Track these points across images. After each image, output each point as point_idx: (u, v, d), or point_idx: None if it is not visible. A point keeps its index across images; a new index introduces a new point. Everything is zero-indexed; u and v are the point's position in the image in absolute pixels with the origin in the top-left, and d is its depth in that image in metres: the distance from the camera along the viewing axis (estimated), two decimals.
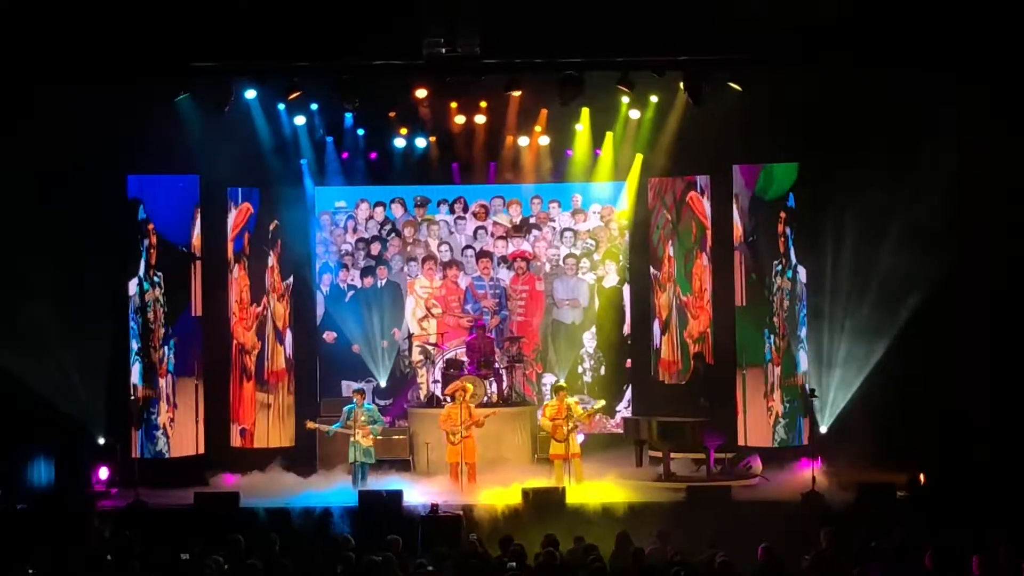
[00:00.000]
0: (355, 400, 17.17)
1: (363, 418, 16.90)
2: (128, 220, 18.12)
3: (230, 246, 19.08)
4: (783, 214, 18.35)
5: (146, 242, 18.19)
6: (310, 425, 17.61)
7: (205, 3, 15.39)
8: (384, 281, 20.18)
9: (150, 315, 18.13)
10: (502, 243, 20.32)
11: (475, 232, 20.33)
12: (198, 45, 15.70)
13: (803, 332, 18.01)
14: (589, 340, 20.24)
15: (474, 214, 20.33)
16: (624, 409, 20.01)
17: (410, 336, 20.04)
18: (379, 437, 17.40)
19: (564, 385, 17.71)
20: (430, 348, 19.63)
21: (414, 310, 20.21)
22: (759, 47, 15.71)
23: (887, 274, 16.97)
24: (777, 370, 18.27)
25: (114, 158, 17.50)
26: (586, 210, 20.26)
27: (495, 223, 20.33)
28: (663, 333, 19.74)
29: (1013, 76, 15.98)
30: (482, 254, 20.27)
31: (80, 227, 17.04)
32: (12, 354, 16.35)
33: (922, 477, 15.92)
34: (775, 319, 18.31)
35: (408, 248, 20.29)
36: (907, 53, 15.78)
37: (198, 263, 18.63)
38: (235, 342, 19.05)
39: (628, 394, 20.13)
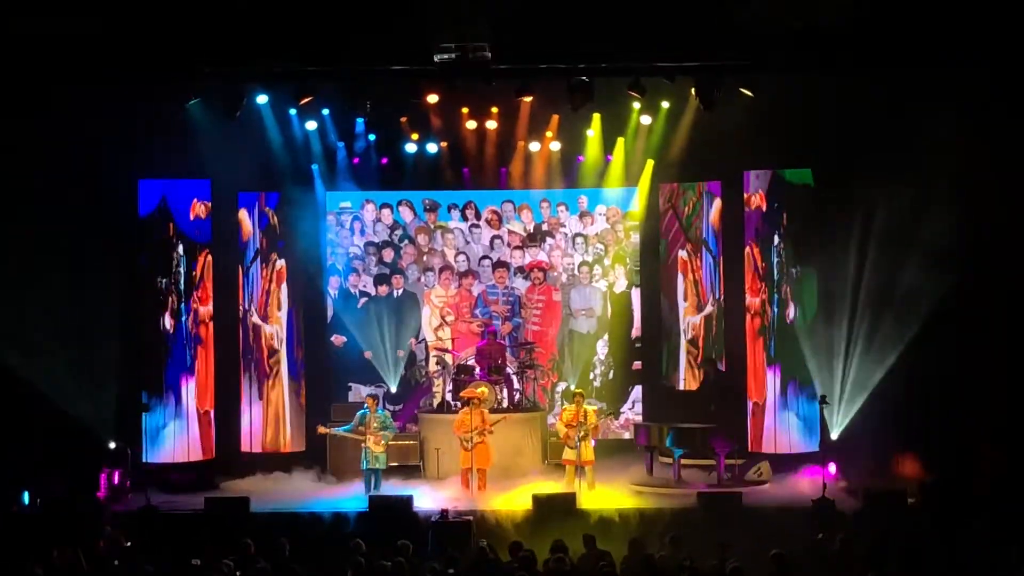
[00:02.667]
0: (367, 405, 17.19)
1: (375, 424, 16.89)
2: (138, 223, 18.22)
3: (242, 249, 19.14)
4: (792, 218, 18.34)
5: (164, 244, 18.32)
6: (321, 430, 17.63)
7: (216, 9, 15.41)
8: (401, 291, 20.14)
9: (169, 315, 18.26)
10: (518, 253, 20.28)
11: (491, 241, 20.31)
12: (209, 51, 15.73)
13: (803, 329, 18.01)
14: (602, 347, 20.20)
15: (487, 221, 20.27)
16: (628, 410, 19.99)
17: (425, 343, 20.01)
18: (391, 443, 17.39)
19: (581, 391, 17.67)
20: (446, 357, 19.57)
21: (430, 319, 20.18)
22: (769, 52, 15.70)
23: (899, 280, 16.93)
24: (779, 370, 18.28)
25: (126, 161, 17.60)
26: (592, 212, 20.23)
27: (510, 232, 20.28)
28: (676, 339, 19.71)
29: (1017, 76, 15.94)
30: (499, 264, 20.22)
31: (90, 230, 17.09)
32: (22, 357, 16.37)
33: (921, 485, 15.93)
34: (781, 321, 18.31)
35: (424, 258, 20.26)
36: (915, 56, 15.76)
37: (210, 266, 18.72)
38: (246, 345, 19.11)
39: (633, 395, 20.08)
